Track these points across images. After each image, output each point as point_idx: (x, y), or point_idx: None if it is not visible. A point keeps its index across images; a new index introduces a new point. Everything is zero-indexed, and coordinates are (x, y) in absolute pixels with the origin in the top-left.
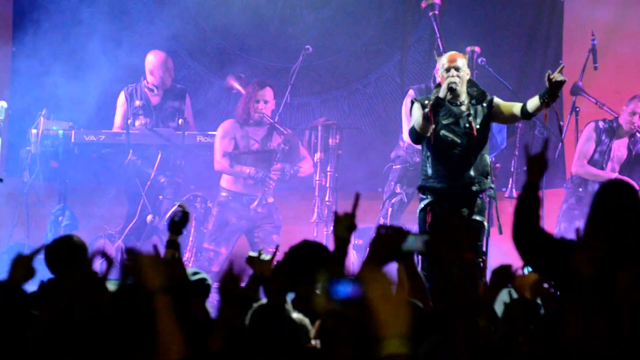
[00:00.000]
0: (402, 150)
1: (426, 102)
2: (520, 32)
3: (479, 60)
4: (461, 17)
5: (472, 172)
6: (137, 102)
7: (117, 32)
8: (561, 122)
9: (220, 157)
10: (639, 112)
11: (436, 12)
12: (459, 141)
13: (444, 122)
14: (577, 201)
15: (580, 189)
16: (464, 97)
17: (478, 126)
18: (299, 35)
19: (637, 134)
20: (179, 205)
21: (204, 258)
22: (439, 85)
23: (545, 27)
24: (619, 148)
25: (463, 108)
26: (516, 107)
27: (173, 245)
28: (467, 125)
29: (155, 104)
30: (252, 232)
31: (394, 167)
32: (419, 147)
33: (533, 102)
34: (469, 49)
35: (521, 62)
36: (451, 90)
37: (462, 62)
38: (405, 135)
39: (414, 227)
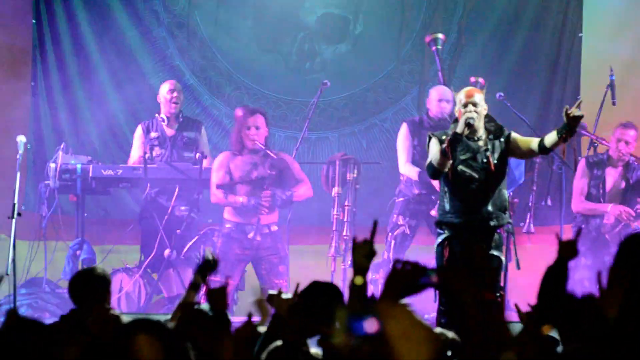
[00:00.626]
0: (402, 184)
1: (443, 137)
2: (538, 67)
3: (497, 95)
4: (479, 52)
5: (490, 207)
6: (153, 134)
7: (139, 67)
8: (579, 158)
9: (215, 190)
10: (624, 139)
11: (440, 47)
12: (476, 176)
13: (462, 157)
14: (582, 238)
15: (583, 226)
16: (481, 132)
17: (496, 161)
18: (317, 69)
19: (632, 162)
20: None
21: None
22: (456, 120)
23: (564, 62)
24: (614, 178)
25: (480, 143)
26: (534, 143)
27: (196, 287)
28: (485, 160)
29: (170, 135)
30: (259, 264)
31: (396, 200)
32: (416, 179)
33: (550, 137)
34: (473, 79)
35: (540, 97)
36: (469, 125)
37: (479, 97)
38: (402, 169)
39: (430, 261)
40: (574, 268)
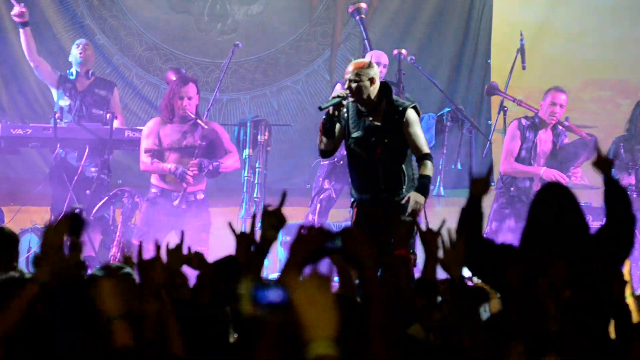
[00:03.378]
0: None
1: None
2: (449, 31)
3: (409, 58)
4: (391, 15)
5: (381, 186)
6: (67, 85)
7: (49, 26)
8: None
9: (143, 156)
10: (558, 102)
11: (363, 16)
12: (366, 155)
13: (354, 135)
14: (508, 200)
15: (512, 188)
16: (374, 105)
17: (387, 140)
18: (228, 31)
19: (559, 126)
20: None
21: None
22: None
23: (475, 26)
24: (544, 142)
25: (376, 121)
26: (416, 150)
27: (76, 247)
28: (374, 139)
29: (81, 90)
30: (181, 230)
31: (322, 162)
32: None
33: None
34: (395, 51)
35: (451, 60)
36: (338, 105)
37: (364, 71)
38: None
39: (340, 225)
40: (497, 231)
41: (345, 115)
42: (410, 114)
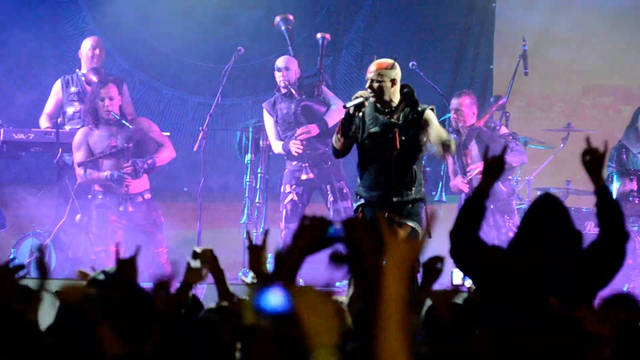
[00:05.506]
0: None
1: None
2: (451, 37)
3: (410, 64)
4: (392, 21)
5: (392, 183)
6: (73, 89)
7: (50, 32)
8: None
9: (77, 170)
10: (453, 108)
11: (290, 26)
12: (380, 152)
13: (371, 130)
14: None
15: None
16: (394, 106)
17: (403, 138)
18: (231, 36)
19: (484, 128)
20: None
21: (99, 260)
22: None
23: (477, 32)
24: (467, 150)
25: (394, 117)
26: (440, 136)
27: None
28: (392, 136)
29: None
30: (136, 234)
31: (284, 172)
32: (281, 152)
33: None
34: (319, 35)
35: (452, 66)
36: (359, 105)
37: (384, 71)
38: (273, 149)
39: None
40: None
41: (361, 114)
42: (429, 113)
